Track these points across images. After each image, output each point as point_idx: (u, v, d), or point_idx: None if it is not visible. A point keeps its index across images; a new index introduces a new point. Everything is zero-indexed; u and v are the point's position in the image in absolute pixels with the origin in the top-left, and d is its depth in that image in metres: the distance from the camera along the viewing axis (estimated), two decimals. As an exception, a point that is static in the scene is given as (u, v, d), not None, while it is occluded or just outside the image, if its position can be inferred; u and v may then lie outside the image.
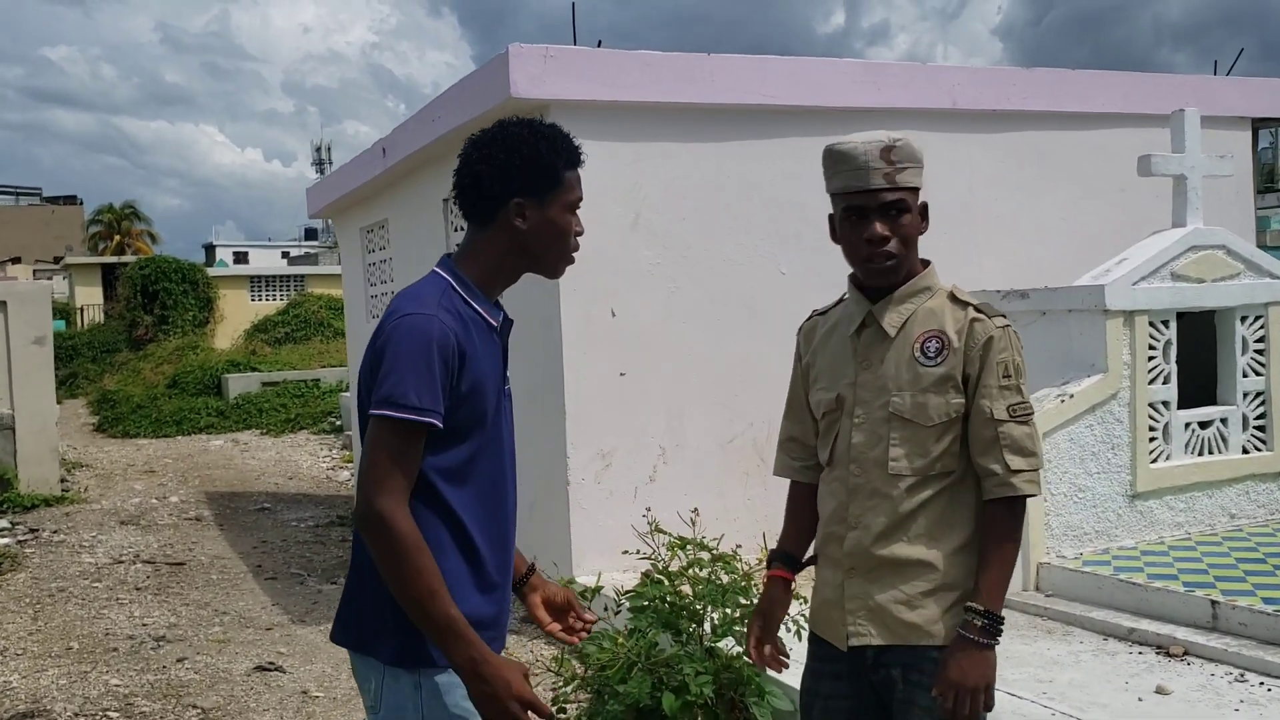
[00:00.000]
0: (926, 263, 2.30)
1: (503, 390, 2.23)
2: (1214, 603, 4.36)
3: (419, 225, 7.93)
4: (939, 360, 2.19)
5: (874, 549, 2.22)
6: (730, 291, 6.14)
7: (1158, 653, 4.29)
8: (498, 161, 2.10)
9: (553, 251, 2.19)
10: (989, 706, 2.15)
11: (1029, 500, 2.20)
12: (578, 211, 2.21)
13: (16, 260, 44.91)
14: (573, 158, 2.17)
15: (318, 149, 60.65)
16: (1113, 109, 6.94)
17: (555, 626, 2.40)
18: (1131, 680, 3.98)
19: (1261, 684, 3.87)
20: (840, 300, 2.39)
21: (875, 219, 2.20)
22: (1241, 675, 3.97)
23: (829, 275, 2.46)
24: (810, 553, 2.44)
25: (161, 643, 6.01)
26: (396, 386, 1.97)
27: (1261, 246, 9.60)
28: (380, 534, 1.96)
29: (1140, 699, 3.80)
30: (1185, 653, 4.23)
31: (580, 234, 2.23)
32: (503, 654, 2.23)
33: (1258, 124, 7.55)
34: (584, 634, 2.40)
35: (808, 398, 2.40)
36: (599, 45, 6.33)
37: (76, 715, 4.90)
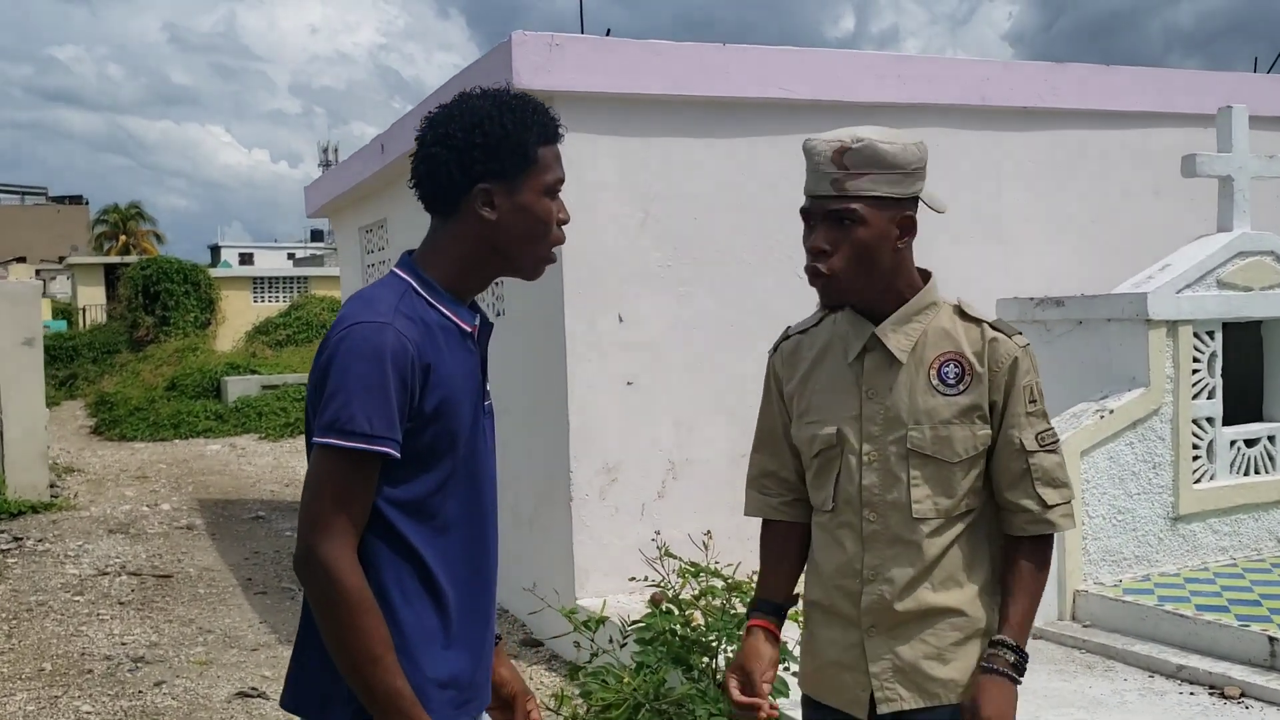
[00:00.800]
0: (927, 275, 2.00)
1: (481, 407, 1.88)
2: (1272, 639, 4.01)
3: (419, 225, 7.52)
4: (961, 387, 1.92)
5: (898, 603, 1.94)
6: (745, 296, 5.79)
7: (1211, 693, 3.94)
8: (456, 141, 1.77)
9: (529, 245, 1.84)
10: None
11: None
12: (560, 196, 1.87)
13: (21, 259, 44.76)
14: (548, 131, 1.83)
15: (324, 150, 60.42)
16: (1149, 107, 6.59)
17: None
18: (1186, 726, 3.64)
19: (1332, 733, 3.53)
20: (821, 318, 2.07)
21: (818, 229, 1.92)
22: (1308, 722, 3.63)
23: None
24: (799, 596, 2.15)
25: (140, 664, 5.67)
26: (343, 410, 1.66)
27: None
28: (319, 584, 1.66)
29: (1199, 749, 3.46)
30: (1242, 694, 3.89)
31: (565, 222, 1.88)
32: (484, 715, 1.94)
33: (1299, 124, 7.19)
34: None
35: (787, 430, 2.10)
36: (608, 34, 5.99)
37: (41, 746, 4.58)
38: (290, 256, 52.64)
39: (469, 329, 1.85)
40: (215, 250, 56.64)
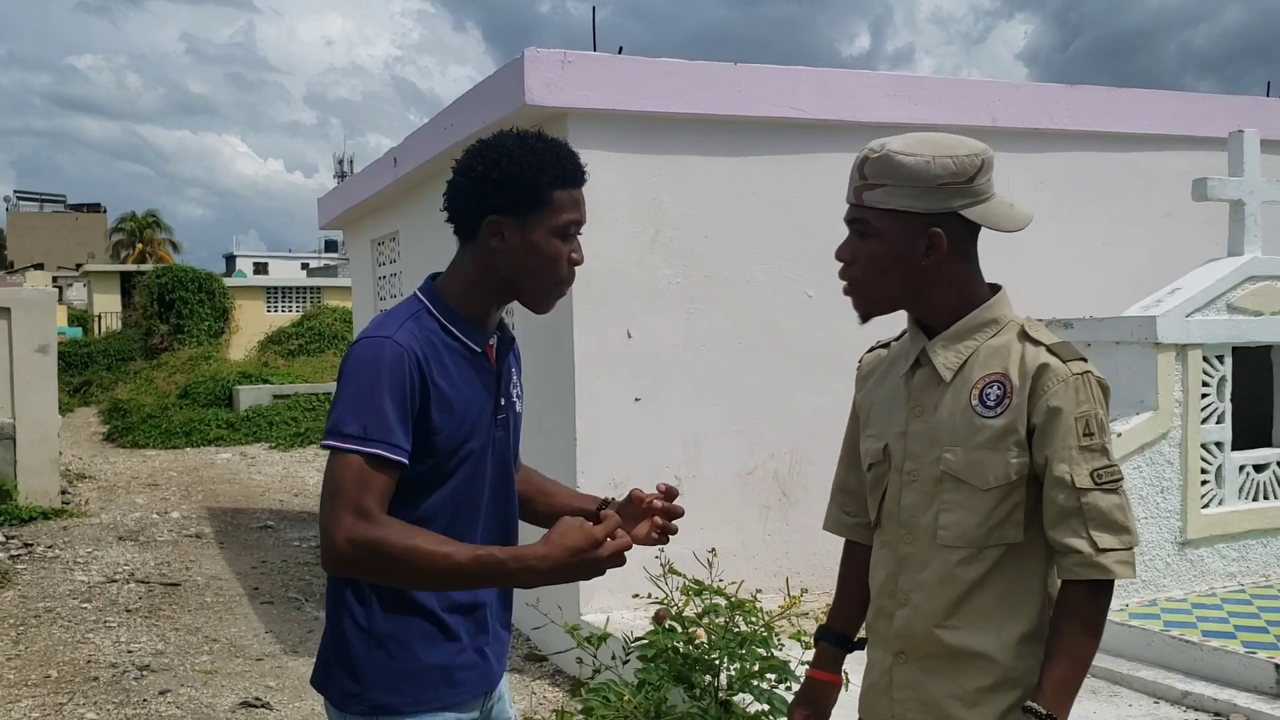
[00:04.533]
0: (996, 288, 1.91)
1: (495, 420, 1.99)
2: (1278, 667, 3.99)
3: (431, 238, 7.63)
4: (1000, 410, 1.81)
5: (926, 632, 1.86)
6: (753, 314, 5.80)
7: (1214, 719, 3.92)
8: (475, 174, 1.90)
9: (533, 281, 1.94)
10: None
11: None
12: (578, 238, 1.96)
13: (39, 267, 45.02)
14: (565, 176, 1.91)
15: (340, 161, 60.78)
16: (1160, 130, 6.59)
17: (643, 531, 2.06)
18: (1190, 753, 3.62)
19: (1337, 763, 3.50)
20: (904, 332, 2.01)
21: (848, 238, 1.90)
22: (1313, 751, 3.60)
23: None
24: (862, 632, 2.09)
25: (145, 672, 5.69)
26: (340, 416, 1.81)
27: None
28: (360, 559, 1.77)
29: (1202, 777, 3.44)
30: (1247, 722, 3.86)
31: (577, 263, 1.96)
32: (500, 686, 2.10)
33: (1313, 149, 7.17)
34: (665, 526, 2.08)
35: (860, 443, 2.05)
36: (620, 52, 6.02)
37: (46, 753, 4.60)
38: (304, 266, 52.91)
39: (478, 350, 1.95)
40: (230, 259, 56.90)
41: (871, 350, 2.10)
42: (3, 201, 64.01)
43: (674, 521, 2.10)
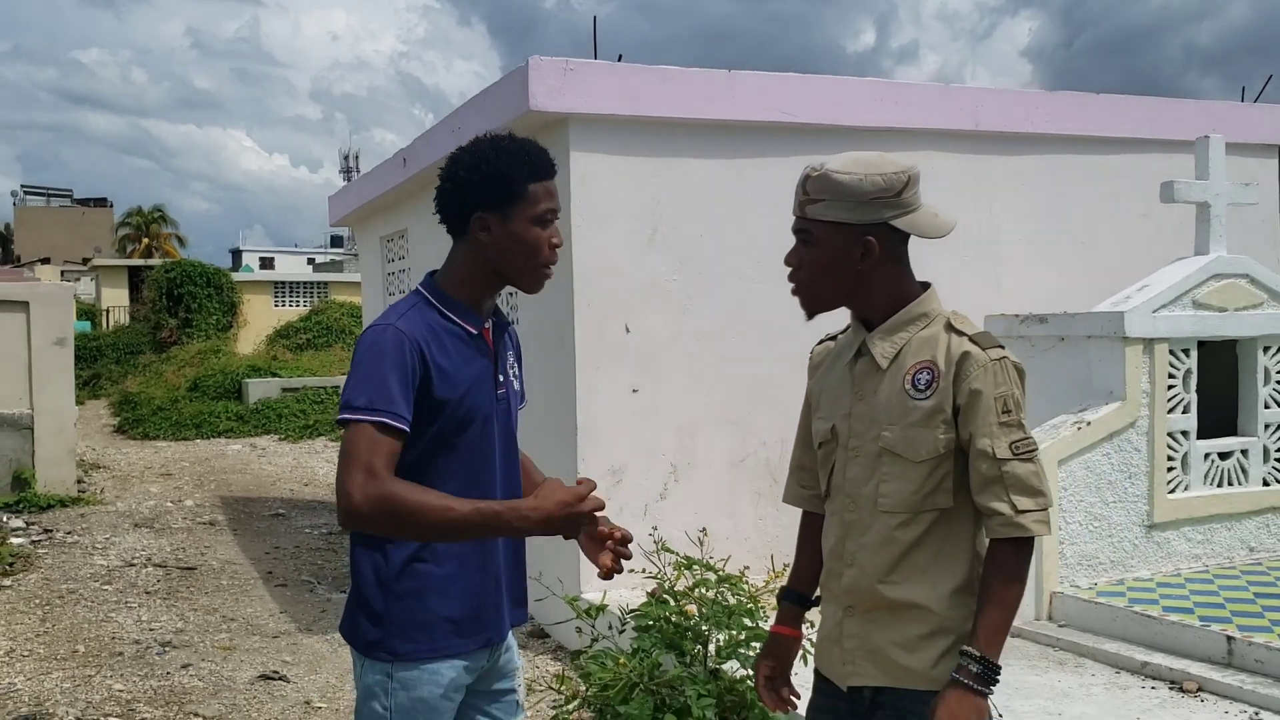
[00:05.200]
0: (925, 285, 2.20)
1: (495, 395, 2.28)
2: (1230, 638, 4.28)
3: (438, 235, 7.89)
4: (928, 393, 2.08)
5: (871, 588, 2.14)
6: (746, 310, 6.09)
7: (1171, 688, 4.21)
8: (459, 177, 2.19)
9: (521, 266, 2.22)
10: None
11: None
12: (555, 224, 2.23)
13: (46, 261, 45.33)
14: (538, 170, 2.19)
15: (345, 156, 61.04)
16: (1137, 134, 6.87)
17: (604, 560, 2.34)
18: (1143, 716, 3.91)
19: (1276, 724, 3.79)
20: (848, 325, 2.31)
21: (795, 245, 2.17)
22: (1256, 714, 3.89)
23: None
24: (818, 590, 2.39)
25: (167, 648, 6.00)
26: (350, 393, 2.09)
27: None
28: (372, 515, 2.02)
29: (1151, 735, 3.73)
30: (1199, 689, 4.15)
31: (556, 246, 2.24)
32: (509, 638, 2.42)
33: (1286, 151, 7.46)
34: (619, 555, 2.34)
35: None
36: (619, 59, 6.31)
37: (79, 719, 4.90)
38: (310, 261, 53.16)
39: (475, 332, 2.23)
40: (237, 254, 57.22)
41: (821, 343, 2.39)
42: (10, 196, 64.33)
43: (624, 560, 2.34)
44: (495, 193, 2.16)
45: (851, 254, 2.11)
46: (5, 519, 9.49)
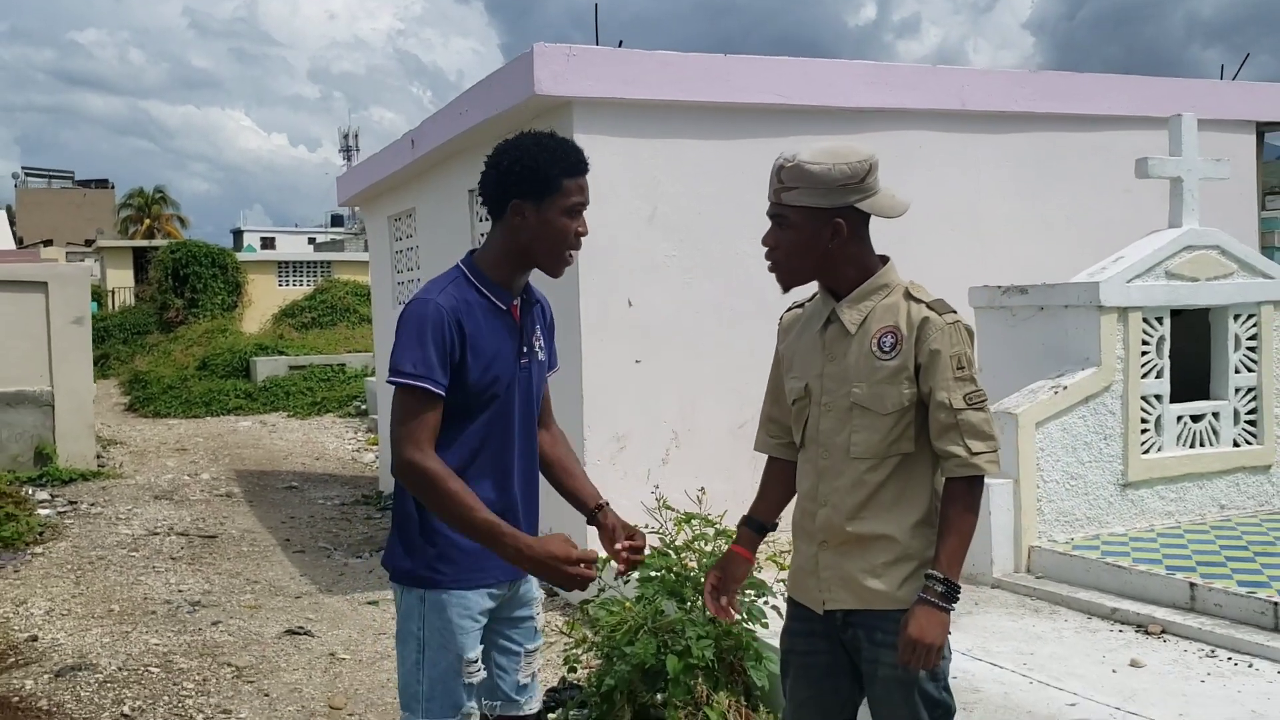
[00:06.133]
0: (885, 259, 2.49)
1: (518, 363, 2.58)
2: (1192, 585, 4.59)
3: (445, 214, 8.21)
4: (893, 354, 2.38)
5: (842, 525, 2.44)
6: (742, 283, 6.39)
7: (1137, 630, 4.53)
8: (502, 167, 2.47)
9: (548, 250, 2.52)
10: (937, 661, 2.35)
11: (1021, 486, 2.43)
12: (584, 214, 2.53)
13: (49, 243, 45.56)
14: (572, 167, 2.48)
15: (345, 135, 61.21)
16: (1119, 111, 7.15)
17: (618, 550, 2.70)
18: (1109, 655, 4.23)
19: (1229, 659, 4.11)
20: (814, 295, 2.61)
21: (770, 228, 2.48)
22: (1212, 651, 4.21)
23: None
24: (779, 522, 2.71)
25: (197, 607, 6.34)
26: (397, 359, 2.41)
27: (1269, 248, 9.80)
28: (412, 478, 2.37)
29: (1114, 670, 4.04)
30: (1163, 631, 4.47)
31: (583, 235, 2.54)
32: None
33: (1262, 128, 7.73)
34: (632, 557, 2.69)
35: (784, 383, 2.65)
36: (620, 45, 6.59)
37: (120, 669, 5.23)
38: (311, 241, 53.37)
39: (503, 305, 2.54)
40: (238, 234, 57.42)
41: (790, 310, 2.70)
42: (11, 179, 64.47)
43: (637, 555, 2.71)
44: (532, 183, 2.44)
45: (823, 234, 2.41)
46: (31, 492, 9.83)
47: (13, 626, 5.93)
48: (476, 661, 2.57)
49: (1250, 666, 4.03)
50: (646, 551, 4.56)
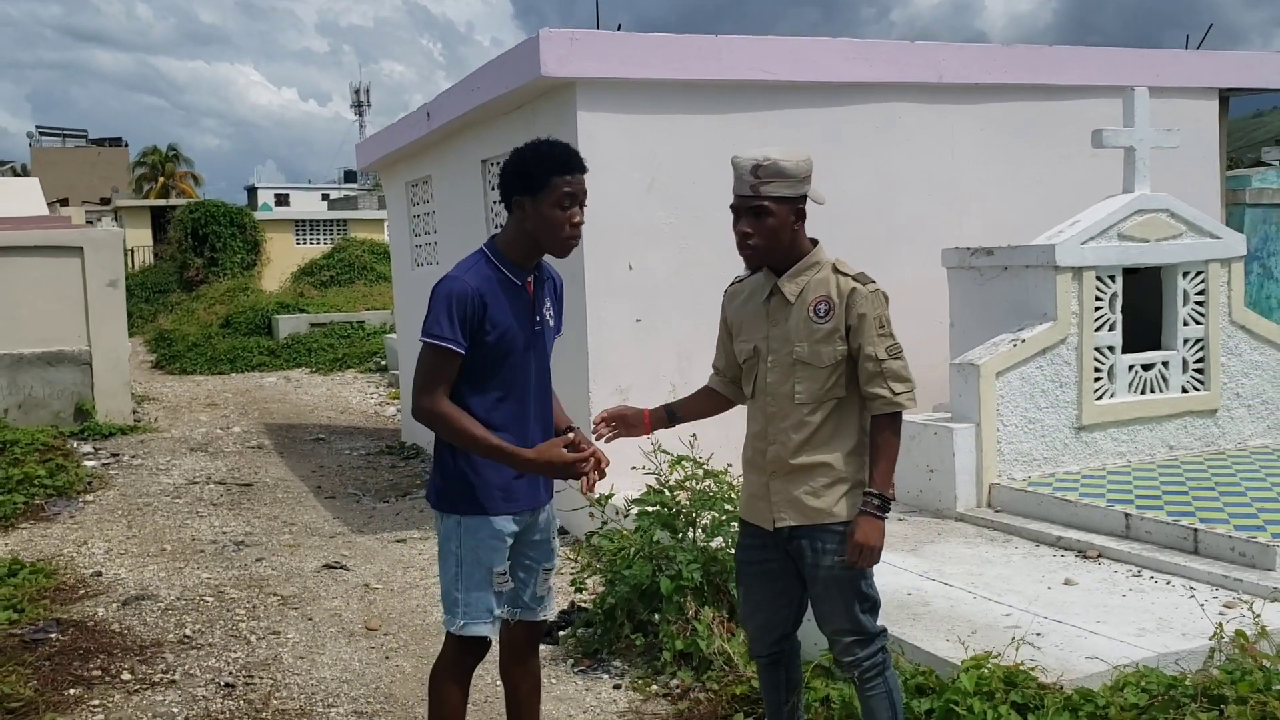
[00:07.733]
0: (815, 242, 3.05)
1: (532, 330, 3.14)
2: (1127, 515, 5.19)
3: (459, 182, 8.77)
4: (827, 319, 2.97)
5: (788, 458, 3.03)
6: (734, 248, 6.90)
7: (1077, 555, 5.13)
8: (508, 169, 3.07)
9: (547, 236, 3.05)
10: (878, 560, 2.98)
11: (983, 430, 2.97)
12: (579, 207, 3.07)
13: (65, 202, 46.07)
14: (561, 166, 3.01)
15: (356, 91, 61.45)
16: (1087, 81, 7.62)
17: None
18: (1048, 575, 4.83)
19: (1151, 578, 4.72)
20: (752, 272, 3.19)
21: (742, 219, 2.99)
22: (1138, 572, 4.81)
23: (821, 233, 3.17)
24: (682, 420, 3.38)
25: (241, 546, 6.99)
26: (429, 323, 3.00)
27: (1239, 204, 10.28)
28: (430, 420, 2.99)
29: (1049, 587, 4.65)
30: (1099, 555, 5.07)
31: (577, 224, 3.07)
32: (548, 505, 3.30)
33: (1225, 94, 8.19)
34: (592, 471, 3.14)
35: (728, 342, 3.24)
36: (619, 29, 7.09)
37: (178, 599, 5.89)
38: (325, 197, 53.82)
39: (518, 282, 3.11)
40: (252, 191, 57.87)
41: (733, 284, 3.26)
42: (25, 137, 64.89)
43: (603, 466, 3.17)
44: (527, 182, 3.01)
45: (789, 220, 2.99)
46: (75, 445, 10.51)
47: (78, 564, 6.60)
48: (505, 573, 3.16)
49: (1168, 584, 4.64)
50: (643, 490, 5.19)
